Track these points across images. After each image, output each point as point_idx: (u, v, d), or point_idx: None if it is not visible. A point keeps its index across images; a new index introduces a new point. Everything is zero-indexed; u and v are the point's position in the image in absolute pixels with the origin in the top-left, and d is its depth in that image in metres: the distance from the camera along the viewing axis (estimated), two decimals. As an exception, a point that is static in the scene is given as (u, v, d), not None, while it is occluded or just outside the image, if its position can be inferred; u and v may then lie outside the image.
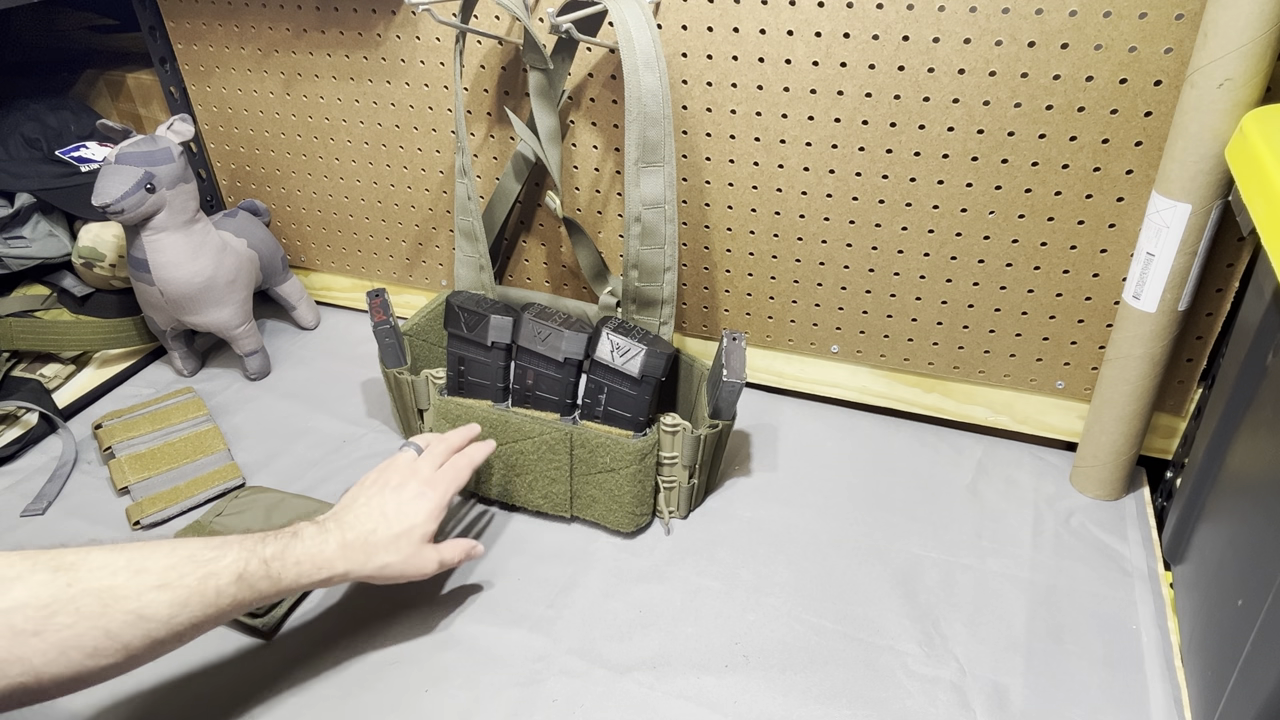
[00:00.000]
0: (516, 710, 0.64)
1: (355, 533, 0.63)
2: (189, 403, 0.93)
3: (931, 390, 0.91)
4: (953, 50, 0.72)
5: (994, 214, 0.79)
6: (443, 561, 0.67)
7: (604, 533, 0.80)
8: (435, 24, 0.90)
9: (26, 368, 0.98)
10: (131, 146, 0.85)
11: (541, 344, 0.76)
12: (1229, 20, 0.59)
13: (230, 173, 1.13)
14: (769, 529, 0.80)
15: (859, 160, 0.81)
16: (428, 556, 0.66)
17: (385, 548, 0.64)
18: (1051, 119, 0.73)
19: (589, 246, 0.91)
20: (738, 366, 0.74)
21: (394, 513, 0.65)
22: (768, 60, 0.79)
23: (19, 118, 1.02)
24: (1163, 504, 0.81)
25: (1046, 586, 0.73)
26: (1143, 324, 0.73)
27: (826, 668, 0.67)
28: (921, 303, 0.86)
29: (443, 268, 1.08)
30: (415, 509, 0.66)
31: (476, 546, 0.70)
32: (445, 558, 0.68)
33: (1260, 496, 0.57)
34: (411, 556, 0.65)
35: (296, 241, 1.15)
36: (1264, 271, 0.64)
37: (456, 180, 0.85)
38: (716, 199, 0.88)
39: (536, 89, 0.83)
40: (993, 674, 0.66)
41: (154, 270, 0.88)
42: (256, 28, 0.99)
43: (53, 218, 1.03)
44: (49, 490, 0.84)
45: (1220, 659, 0.58)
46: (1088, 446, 0.82)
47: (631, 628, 0.70)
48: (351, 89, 0.99)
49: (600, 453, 0.75)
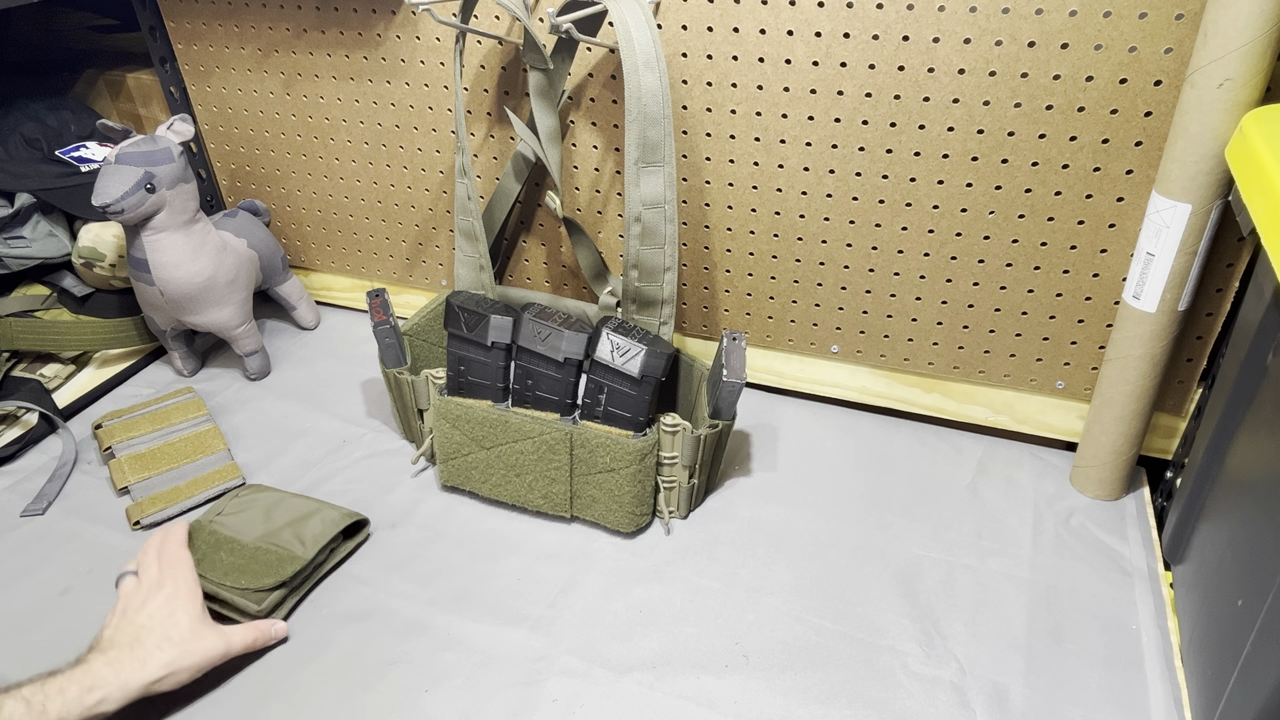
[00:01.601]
0: (516, 710, 0.64)
1: (118, 646, 0.60)
2: (189, 403, 0.93)
3: (931, 390, 0.91)
4: (953, 50, 0.73)
5: (994, 214, 0.79)
6: (229, 645, 0.64)
7: (604, 533, 0.80)
8: (435, 24, 0.90)
9: (26, 368, 0.98)
10: (131, 146, 0.85)
11: (541, 344, 0.76)
12: (1229, 20, 0.59)
13: (230, 173, 1.13)
14: (769, 529, 0.80)
15: (859, 160, 0.81)
16: (209, 639, 0.63)
17: (158, 646, 0.60)
18: (1051, 119, 0.73)
19: (589, 246, 0.91)
20: (738, 366, 0.74)
21: (149, 617, 0.62)
22: (768, 60, 0.79)
23: (19, 118, 1.02)
24: (1163, 504, 0.81)
25: (1046, 586, 0.73)
26: (1143, 324, 0.73)
27: (826, 668, 0.67)
28: (921, 303, 0.86)
29: (443, 268, 1.08)
30: (167, 604, 0.63)
31: (274, 626, 0.68)
32: (233, 641, 0.64)
33: (1260, 496, 0.57)
34: (189, 641, 0.61)
35: (296, 241, 1.15)
36: (1264, 271, 0.64)
37: (456, 180, 0.85)
38: (716, 199, 0.88)
39: (536, 89, 0.83)
40: (993, 674, 0.66)
41: (154, 270, 0.88)
42: (256, 28, 0.99)
43: (53, 218, 1.03)
44: (49, 490, 0.84)
45: (1220, 659, 0.58)
46: (1088, 446, 0.82)
47: (631, 628, 0.70)
48: (351, 89, 0.99)
49: (600, 453, 0.75)
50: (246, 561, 0.71)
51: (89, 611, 0.71)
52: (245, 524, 0.76)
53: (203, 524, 0.76)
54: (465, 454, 0.80)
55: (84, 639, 0.69)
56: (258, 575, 0.70)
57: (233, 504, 0.78)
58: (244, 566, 0.71)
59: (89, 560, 0.77)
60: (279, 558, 0.72)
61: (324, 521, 0.76)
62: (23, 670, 0.58)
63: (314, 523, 0.75)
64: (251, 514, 0.77)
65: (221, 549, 0.72)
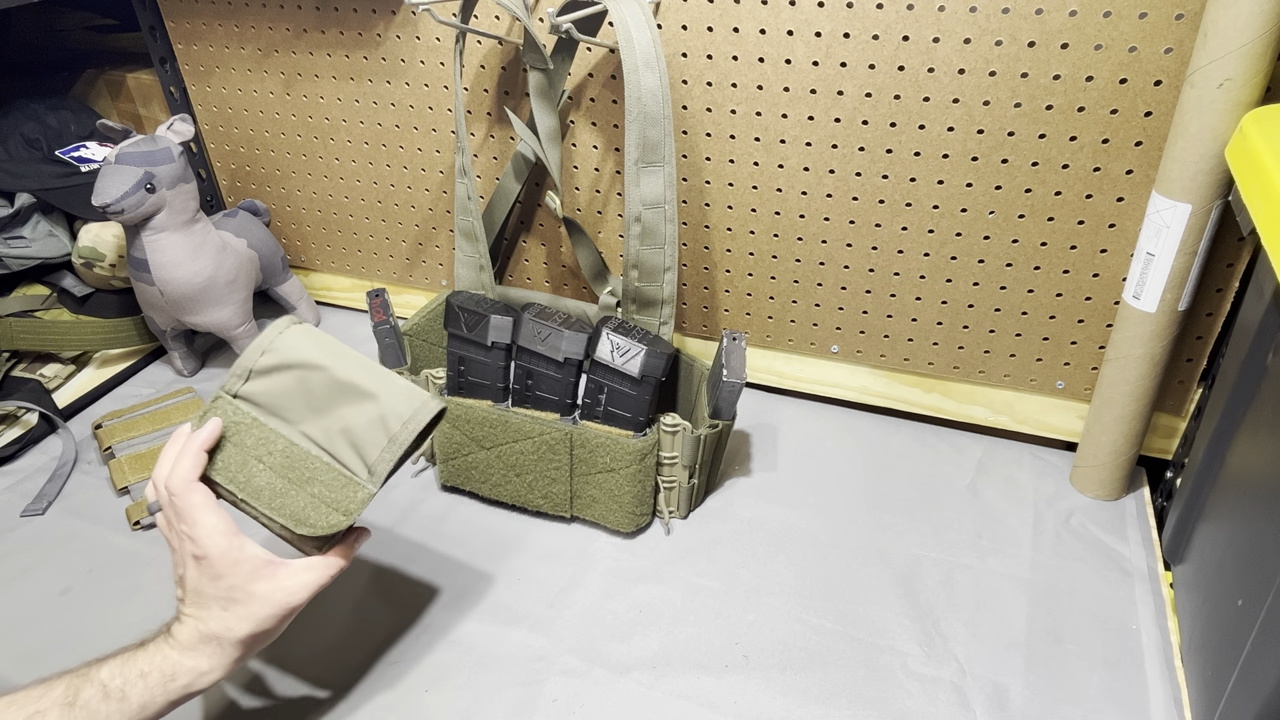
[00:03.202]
0: (516, 710, 0.64)
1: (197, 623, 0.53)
2: (189, 403, 0.93)
3: (931, 390, 0.91)
4: (953, 50, 0.73)
5: (994, 214, 0.79)
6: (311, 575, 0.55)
7: (604, 533, 0.80)
8: (435, 24, 0.90)
9: (26, 368, 0.98)
10: (131, 146, 0.85)
11: (541, 344, 0.76)
12: (1229, 20, 0.59)
13: (230, 173, 1.13)
14: (769, 529, 0.80)
15: (859, 160, 0.81)
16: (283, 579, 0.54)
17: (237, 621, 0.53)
18: (1051, 119, 0.73)
19: (589, 246, 0.91)
20: (738, 366, 0.74)
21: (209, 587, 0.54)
22: (768, 60, 0.79)
23: (19, 118, 1.02)
24: (1163, 504, 0.81)
25: (1046, 586, 0.73)
26: (1143, 324, 0.73)
27: (826, 668, 0.67)
28: (921, 303, 0.86)
29: (443, 268, 1.08)
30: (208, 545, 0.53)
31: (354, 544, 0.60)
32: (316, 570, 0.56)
33: (1260, 496, 0.57)
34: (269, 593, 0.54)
35: (296, 241, 1.15)
36: (1264, 271, 0.64)
37: (456, 180, 0.85)
38: (716, 199, 0.88)
39: (536, 89, 0.83)
40: (993, 674, 0.66)
41: (154, 270, 0.88)
42: (256, 28, 0.99)
43: (53, 218, 1.03)
44: (49, 490, 0.84)
45: (1220, 659, 0.58)
46: (1088, 446, 0.82)
47: (631, 628, 0.70)
48: (351, 89, 0.99)
49: (600, 453, 0.75)
50: (290, 482, 0.57)
51: (89, 611, 0.71)
52: (284, 400, 0.59)
53: (228, 405, 0.59)
54: (465, 454, 0.80)
55: (84, 639, 0.69)
56: (308, 510, 0.57)
57: (266, 357, 0.59)
58: (287, 491, 0.57)
59: (89, 560, 0.77)
60: (331, 481, 0.57)
61: (387, 426, 0.58)
62: (23, 670, 0.58)
63: (372, 426, 0.58)
64: (289, 380, 0.59)
65: (255, 455, 0.58)
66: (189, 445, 0.57)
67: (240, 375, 0.59)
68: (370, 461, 0.58)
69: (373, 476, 0.58)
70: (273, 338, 0.60)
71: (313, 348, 0.60)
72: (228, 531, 0.54)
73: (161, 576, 0.75)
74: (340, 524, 0.57)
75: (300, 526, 0.56)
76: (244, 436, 0.58)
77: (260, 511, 0.57)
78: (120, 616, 0.71)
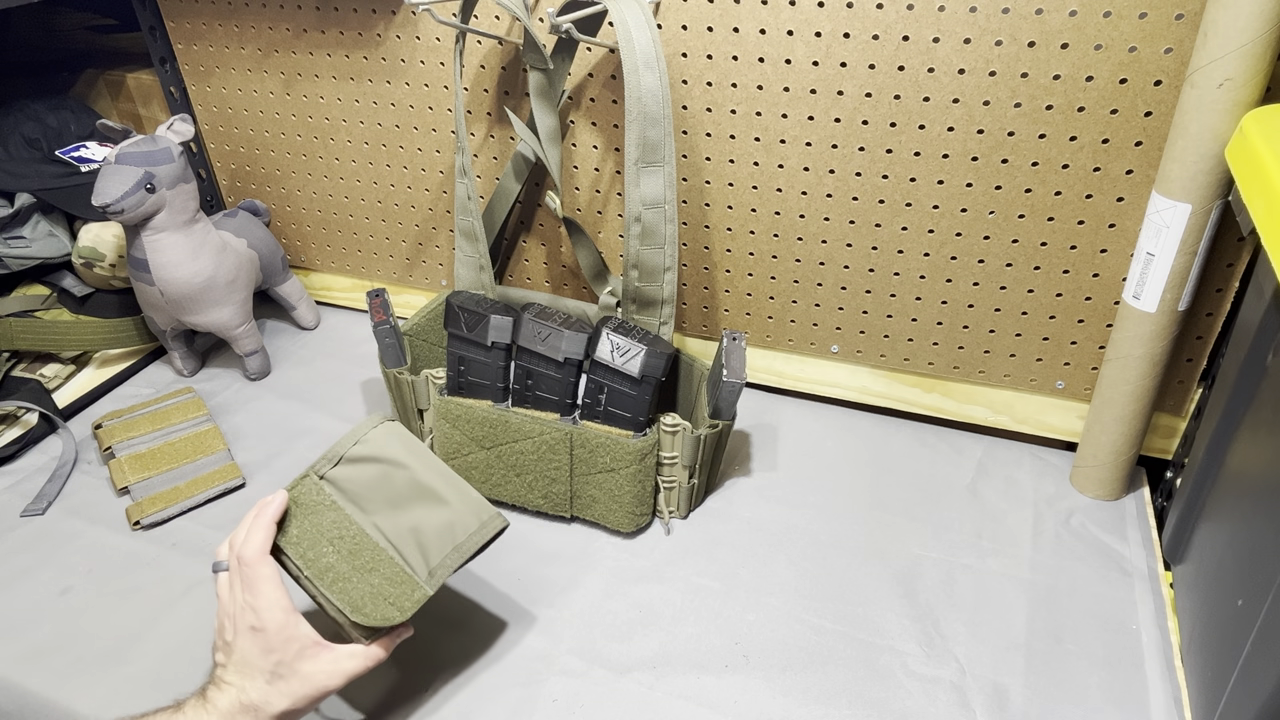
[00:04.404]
0: (516, 710, 0.64)
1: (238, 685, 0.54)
2: (189, 403, 0.93)
3: (931, 390, 0.91)
4: (953, 50, 0.73)
5: (994, 214, 0.79)
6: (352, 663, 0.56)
7: (604, 533, 0.80)
8: (435, 24, 0.90)
9: (26, 368, 0.98)
10: (131, 146, 0.85)
11: (541, 344, 0.76)
12: (1229, 20, 0.59)
13: (230, 173, 1.13)
14: (769, 529, 0.80)
15: (859, 160, 0.81)
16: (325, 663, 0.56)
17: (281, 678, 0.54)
18: (1051, 119, 0.73)
19: (589, 246, 0.91)
20: (738, 366, 0.74)
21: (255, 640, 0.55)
22: (768, 60, 0.79)
23: (19, 118, 1.02)
24: (1163, 504, 0.81)
25: (1046, 586, 0.73)
26: (1143, 324, 0.73)
27: (826, 668, 0.67)
28: (921, 303, 0.86)
29: (443, 268, 1.08)
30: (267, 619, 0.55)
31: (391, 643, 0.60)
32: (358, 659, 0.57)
33: (1260, 496, 0.57)
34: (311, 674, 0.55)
35: (296, 241, 1.15)
36: (1264, 271, 0.64)
37: (456, 180, 0.85)
38: (716, 199, 0.88)
39: (536, 89, 0.83)
40: (993, 674, 0.66)
41: (154, 270, 0.88)
42: (256, 28, 0.99)
43: (53, 218, 1.03)
44: (49, 490, 0.84)
45: (1220, 659, 0.58)
46: (1088, 446, 0.82)
47: (631, 628, 0.70)
48: (351, 89, 0.99)
49: (600, 453, 0.75)
50: (354, 569, 0.59)
51: (89, 612, 0.71)
52: (365, 490, 0.61)
53: (313, 485, 0.61)
54: (465, 454, 0.80)
55: (84, 639, 0.69)
56: (366, 599, 0.58)
57: (359, 448, 0.62)
58: (350, 576, 0.59)
59: (89, 560, 0.77)
60: (393, 576, 0.59)
61: (454, 534, 0.61)
62: (23, 670, 0.58)
63: (441, 532, 0.61)
64: (374, 472, 0.62)
65: (328, 537, 0.59)
66: (261, 518, 0.59)
67: (331, 460, 0.62)
68: (432, 565, 0.60)
69: (432, 579, 0.60)
70: (366, 430, 0.63)
71: (400, 446, 0.63)
72: (287, 608, 0.56)
73: (161, 576, 0.75)
74: (393, 619, 0.58)
75: (356, 614, 0.58)
76: (321, 517, 0.60)
77: (320, 591, 0.59)
78: (120, 616, 0.71)
